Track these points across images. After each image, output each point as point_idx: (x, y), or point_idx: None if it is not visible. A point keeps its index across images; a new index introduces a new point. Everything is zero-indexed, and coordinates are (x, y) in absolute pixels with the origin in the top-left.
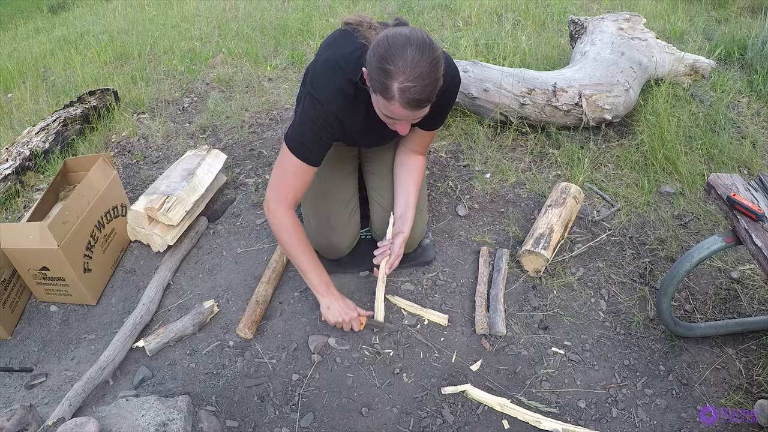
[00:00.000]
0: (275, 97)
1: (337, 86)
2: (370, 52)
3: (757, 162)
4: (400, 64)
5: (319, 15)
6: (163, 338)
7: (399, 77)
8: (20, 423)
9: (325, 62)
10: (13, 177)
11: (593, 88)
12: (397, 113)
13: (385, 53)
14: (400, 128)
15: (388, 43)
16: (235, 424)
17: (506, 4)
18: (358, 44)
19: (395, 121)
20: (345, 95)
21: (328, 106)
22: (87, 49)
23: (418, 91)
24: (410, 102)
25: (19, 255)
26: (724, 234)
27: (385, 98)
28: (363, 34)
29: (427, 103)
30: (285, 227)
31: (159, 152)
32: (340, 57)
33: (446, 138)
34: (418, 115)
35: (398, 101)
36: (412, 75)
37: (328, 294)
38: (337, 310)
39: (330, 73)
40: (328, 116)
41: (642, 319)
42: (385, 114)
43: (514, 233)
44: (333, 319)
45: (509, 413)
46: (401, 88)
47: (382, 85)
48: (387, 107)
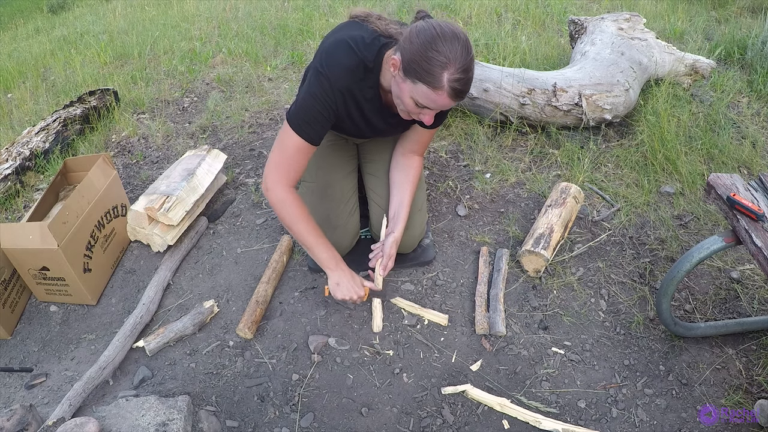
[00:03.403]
0: (275, 97)
1: (347, 65)
2: (412, 39)
3: (757, 162)
4: (451, 55)
5: (319, 15)
6: (163, 338)
7: (450, 68)
8: (20, 423)
9: (337, 42)
10: (13, 177)
11: (593, 88)
12: (440, 103)
13: (433, 42)
14: (427, 119)
15: (437, 33)
16: (235, 424)
17: (506, 4)
18: (370, 30)
19: (425, 111)
20: (354, 76)
21: (336, 83)
22: (87, 49)
23: (465, 83)
24: (457, 93)
25: (19, 255)
26: (724, 234)
27: (432, 87)
28: (373, 24)
29: (465, 95)
30: (286, 203)
31: (159, 152)
32: (351, 38)
33: (446, 138)
34: (449, 107)
35: (447, 91)
36: (462, 67)
37: (337, 269)
38: (346, 287)
39: (342, 52)
40: (335, 93)
41: (642, 319)
42: (422, 104)
43: (514, 233)
44: (341, 295)
45: (509, 413)
46: (452, 78)
47: (430, 73)
48: (430, 96)
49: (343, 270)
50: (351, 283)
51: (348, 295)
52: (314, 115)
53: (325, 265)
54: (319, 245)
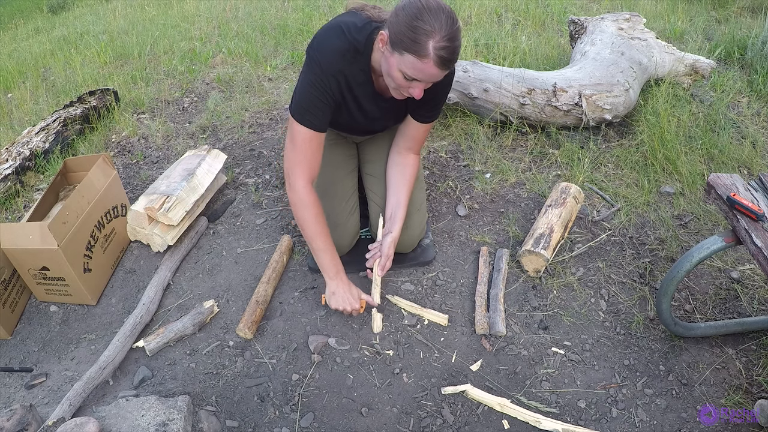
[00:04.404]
0: (275, 97)
1: (337, 49)
2: (398, 12)
3: (757, 162)
4: (436, 24)
5: (319, 15)
6: (163, 338)
7: (435, 36)
8: (20, 423)
9: (328, 27)
10: (13, 177)
11: (593, 88)
12: (428, 72)
13: (418, 13)
14: (417, 92)
15: (422, 5)
16: (235, 424)
17: (506, 4)
18: (363, 17)
19: (414, 83)
20: (344, 59)
21: (328, 67)
22: (87, 49)
23: (451, 51)
24: (443, 61)
25: (19, 255)
26: (724, 234)
27: (418, 56)
28: (368, 12)
29: (452, 65)
30: (304, 204)
31: (159, 152)
32: (343, 23)
33: (446, 138)
34: (438, 78)
35: (432, 59)
36: (447, 35)
37: (336, 278)
38: (341, 297)
39: (332, 36)
40: (328, 78)
41: (642, 319)
42: (410, 75)
43: (514, 233)
44: (335, 305)
45: (509, 413)
46: (438, 46)
47: (416, 42)
48: (416, 65)
49: (342, 280)
50: (347, 294)
51: (342, 306)
52: (313, 102)
53: (326, 272)
54: (326, 252)
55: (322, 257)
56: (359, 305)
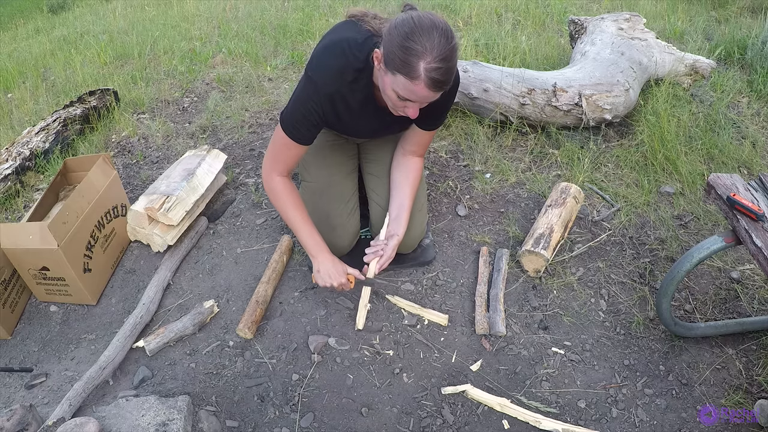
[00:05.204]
0: (275, 97)
1: (336, 69)
2: (391, 31)
3: (757, 162)
4: (427, 44)
5: (319, 15)
6: (163, 338)
7: (426, 57)
8: (20, 423)
9: (328, 45)
10: (13, 177)
11: (593, 88)
12: (420, 93)
13: (410, 33)
14: (411, 111)
15: (414, 24)
16: (235, 424)
17: (506, 4)
18: (364, 30)
19: (408, 104)
20: (343, 79)
21: (323, 87)
22: (87, 49)
23: (443, 73)
24: (435, 83)
25: (19, 255)
26: (724, 234)
27: (409, 77)
28: (369, 24)
29: (446, 86)
30: (276, 192)
31: (159, 152)
32: (344, 40)
33: (446, 138)
34: (433, 99)
35: (423, 81)
36: (439, 56)
37: (319, 255)
38: (326, 273)
39: (331, 56)
40: (321, 98)
41: (642, 319)
42: (403, 95)
43: (514, 233)
44: (321, 282)
45: (509, 413)
46: (428, 68)
47: (407, 64)
48: (408, 87)
49: (325, 257)
50: (332, 270)
51: (329, 282)
52: (300, 120)
53: (309, 251)
54: (305, 231)
55: (303, 237)
56: (346, 279)
